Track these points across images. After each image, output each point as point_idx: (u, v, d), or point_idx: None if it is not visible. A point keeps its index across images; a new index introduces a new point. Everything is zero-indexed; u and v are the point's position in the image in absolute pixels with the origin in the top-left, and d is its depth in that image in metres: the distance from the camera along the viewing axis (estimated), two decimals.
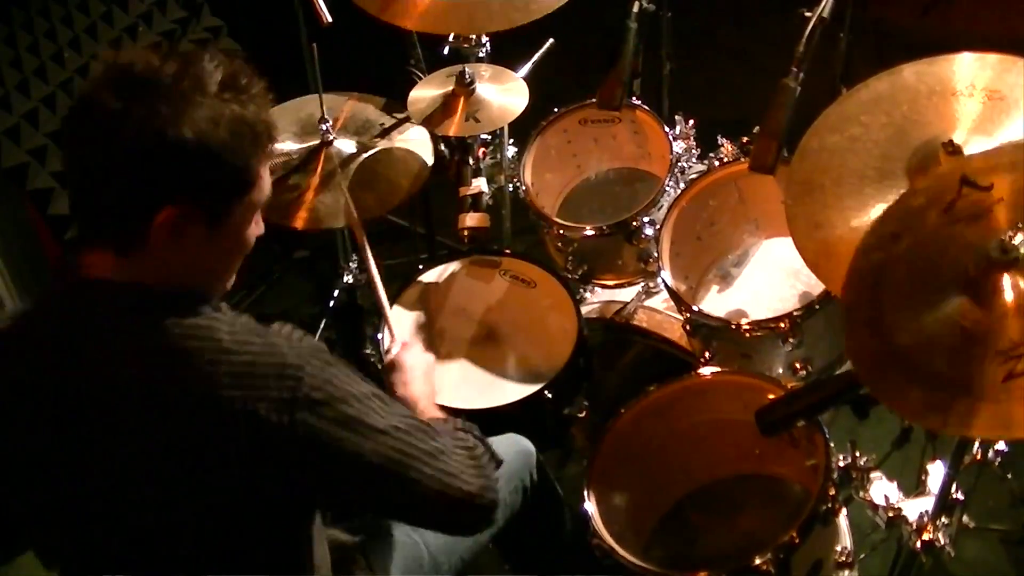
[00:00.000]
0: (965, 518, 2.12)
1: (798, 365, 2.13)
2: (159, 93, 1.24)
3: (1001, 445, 2.13)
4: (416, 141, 2.42)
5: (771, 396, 1.94)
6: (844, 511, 1.90)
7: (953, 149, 1.79)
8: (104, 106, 1.24)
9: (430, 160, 2.40)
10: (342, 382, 1.34)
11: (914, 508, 1.93)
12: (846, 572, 1.88)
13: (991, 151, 1.64)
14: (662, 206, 2.35)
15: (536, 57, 2.64)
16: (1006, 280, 1.48)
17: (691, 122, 2.51)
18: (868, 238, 1.59)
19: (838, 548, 1.88)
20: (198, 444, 1.30)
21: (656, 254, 2.29)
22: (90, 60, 2.99)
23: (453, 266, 2.43)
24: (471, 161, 2.51)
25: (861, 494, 1.99)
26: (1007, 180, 1.55)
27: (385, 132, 2.44)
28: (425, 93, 2.41)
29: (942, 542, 1.89)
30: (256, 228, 1.40)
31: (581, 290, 2.51)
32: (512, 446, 1.98)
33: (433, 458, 1.41)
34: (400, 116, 2.46)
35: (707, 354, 2.21)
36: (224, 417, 1.28)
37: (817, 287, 2.10)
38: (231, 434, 1.28)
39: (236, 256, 1.41)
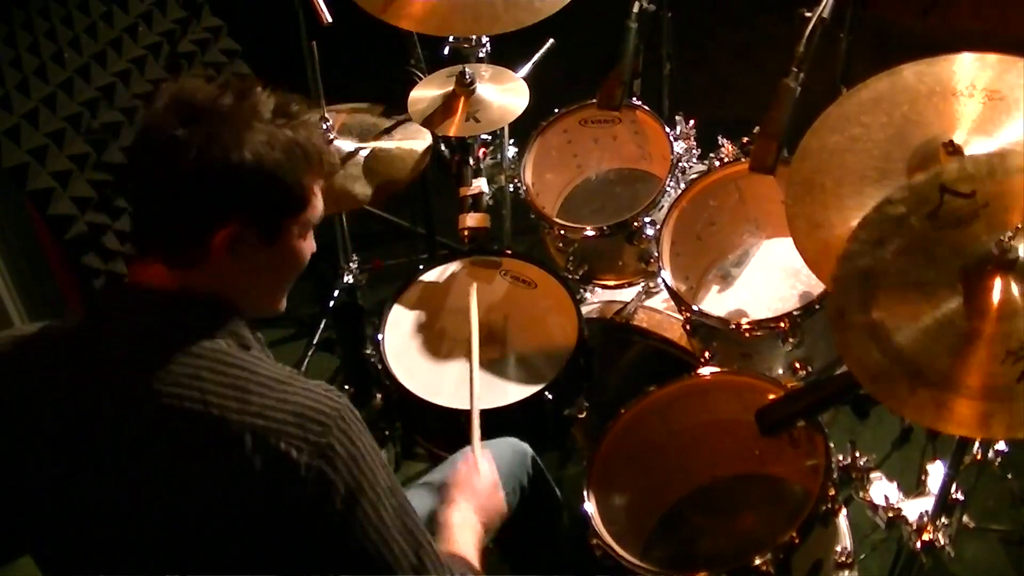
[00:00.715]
0: (965, 518, 2.12)
1: (798, 365, 2.13)
2: (220, 120, 1.31)
3: (1001, 445, 2.13)
4: (413, 137, 2.44)
5: (771, 396, 1.94)
6: (844, 511, 1.90)
7: (953, 149, 1.79)
8: (169, 132, 1.30)
9: (427, 151, 2.41)
10: (366, 447, 1.34)
11: (914, 508, 1.92)
12: (846, 572, 1.88)
13: (967, 159, 1.65)
14: (662, 206, 2.35)
15: (536, 57, 2.64)
16: (1007, 280, 1.48)
17: (691, 122, 2.51)
18: (850, 245, 1.60)
19: (838, 548, 1.88)
20: (215, 464, 1.29)
21: (656, 254, 2.29)
22: (90, 60, 2.99)
23: (453, 266, 2.43)
24: (471, 161, 2.51)
25: (861, 494, 1.98)
26: (989, 185, 1.55)
27: (385, 132, 2.46)
28: (425, 93, 2.41)
29: (942, 542, 1.88)
30: (309, 245, 1.45)
31: (581, 290, 2.51)
32: (508, 449, 1.99)
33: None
34: (400, 118, 2.47)
35: (707, 354, 2.21)
36: (247, 443, 1.27)
37: (817, 287, 2.10)
38: (249, 461, 1.27)
39: (290, 273, 1.45)
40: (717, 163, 2.37)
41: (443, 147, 2.57)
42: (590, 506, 1.91)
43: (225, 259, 1.34)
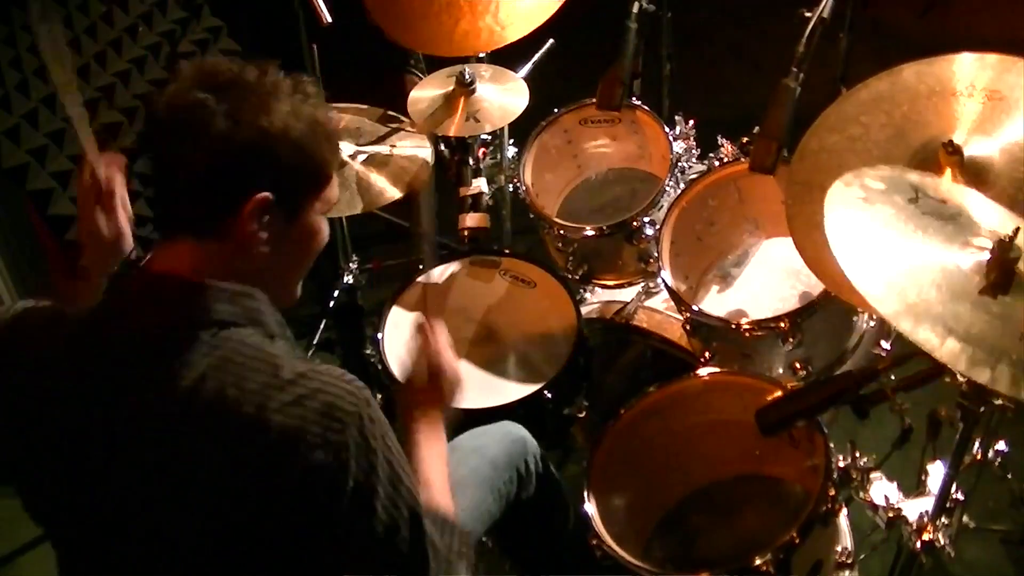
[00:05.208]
0: (965, 518, 2.12)
1: (798, 365, 2.13)
2: (246, 89, 1.32)
3: (1001, 445, 2.13)
4: (415, 147, 2.43)
5: (771, 396, 1.94)
6: (844, 511, 1.90)
7: (953, 149, 1.79)
8: (196, 101, 1.31)
9: (429, 163, 2.40)
10: (385, 436, 1.35)
11: (914, 508, 1.92)
12: (846, 572, 1.88)
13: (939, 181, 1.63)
14: (662, 206, 2.35)
15: (536, 57, 2.64)
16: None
17: (691, 122, 2.51)
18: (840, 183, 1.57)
19: (838, 548, 1.88)
20: (236, 461, 1.29)
21: (656, 254, 2.29)
22: (90, 60, 2.99)
23: (453, 266, 2.43)
24: (471, 161, 2.52)
25: (861, 494, 1.98)
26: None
27: (383, 138, 2.44)
28: (425, 93, 2.41)
29: (942, 542, 1.88)
30: (327, 229, 1.45)
31: (581, 290, 2.51)
32: (505, 436, 1.97)
33: (430, 554, 1.39)
34: (399, 124, 2.46)
35: (707, 354, 2.21)
36: (268, 441, 1.27)
37: (817, 287, 2.10)
38: (271, 458, 1.28)
39: (308, 254, 1.45)
40: (717, 163, 2.38)
41: (443, 147, 2.57)
42: (590, 506, 1.91)
43: (254, 232, 1.33)
